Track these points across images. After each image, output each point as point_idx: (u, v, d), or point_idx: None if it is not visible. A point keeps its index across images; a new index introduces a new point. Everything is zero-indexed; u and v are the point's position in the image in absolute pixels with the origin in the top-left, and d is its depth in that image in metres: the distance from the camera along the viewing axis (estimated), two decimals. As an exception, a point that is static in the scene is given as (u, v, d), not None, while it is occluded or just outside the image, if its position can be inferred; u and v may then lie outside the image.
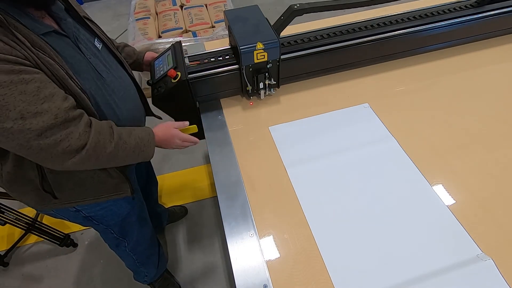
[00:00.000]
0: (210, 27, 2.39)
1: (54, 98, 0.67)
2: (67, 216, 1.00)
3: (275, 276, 0.77)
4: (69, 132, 0.69)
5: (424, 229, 0.83)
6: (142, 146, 0.84)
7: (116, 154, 0.79)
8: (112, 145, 0.77)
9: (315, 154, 1.01)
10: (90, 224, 1.05)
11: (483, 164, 0.96)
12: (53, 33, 0.73)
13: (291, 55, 1.12)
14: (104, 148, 0.76)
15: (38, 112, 0.65)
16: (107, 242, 1.21)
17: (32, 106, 0.64)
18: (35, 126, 0.65)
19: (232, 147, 1.04)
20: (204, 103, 1.19)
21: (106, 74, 0.84)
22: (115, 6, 3.62)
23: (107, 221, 1.05)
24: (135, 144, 0.82)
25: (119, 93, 0.87)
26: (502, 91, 1.17)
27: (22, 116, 0.63)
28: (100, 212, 1.00)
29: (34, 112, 0.64)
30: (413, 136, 1.04)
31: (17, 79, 0.62)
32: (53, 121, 0.66)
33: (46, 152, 0.68)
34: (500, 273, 0.74)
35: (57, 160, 0.71)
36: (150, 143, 0.86)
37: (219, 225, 1.78)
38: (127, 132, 0.82)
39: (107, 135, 0.76)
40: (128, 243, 1.20)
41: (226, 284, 1.58)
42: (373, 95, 1.19)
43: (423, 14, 1.25)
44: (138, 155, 0.84)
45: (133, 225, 1.16)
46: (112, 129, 0.78)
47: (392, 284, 0.74)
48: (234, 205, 0.89)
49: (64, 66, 0.71)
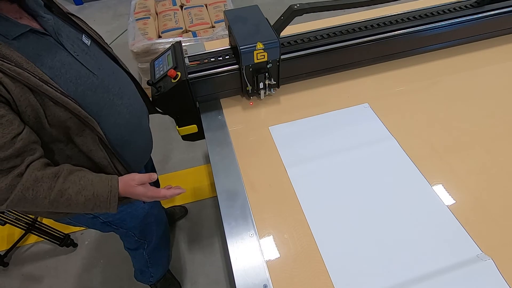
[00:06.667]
0: (210, 27, 2.39)
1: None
2: (85, 223, 0.96)
3: (275, 276, 0.77)
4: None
5: (424, 229, 0.83)
6: (97, 202, 0.76)
7: (56, 207, 0.73)
8: (46, 201, 0.71)
9: (315, 154, 1.01)
10: (110, 229, 1.02)
11: (483, 164, 0.96)
12: (29, 34, 0.68)
13: (291, 55, 1.12)
14: (34, 204, 0.70)
15: None
16: (128, 245, 1.18)
17: None
18: None
19: (232, 147, 1.04)
20: (204, 103, 1.19)
21: (97, 71, 0.80)
22: (115, 6, 3.62)
23: (127, 224, 1.03)
24: (85, 201, 0.74)
25: (114, 89, 0.84)
26: (502, 91, 1.17)
27: None
28: (118, 215, 0.97)
29: None
30: (413, 136, 1.04)
31: None
32: None
33: None
34: (500, 273, 0.74)
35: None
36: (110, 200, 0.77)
37: (219, 225, 1.78)
38: (78, 188, 0.74)
39: (44, 190, 0.70)
40: (148, 245, 1.18)
41: (226, 284, 1.58)
42: (373, 95, 1.18)
43: (423, 14, 1.25)
44: (92, 209, 0.77)
45: (152, 226, 1.14)
46: (55, 183, 0.71)
47: (392, 284, 0.74)
48: (234, 205, 0.89)
49: (37, 71, 0.66)
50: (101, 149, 0.81)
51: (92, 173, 0.78)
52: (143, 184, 0.82)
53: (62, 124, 0.72)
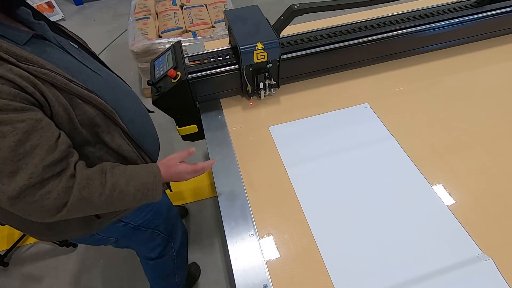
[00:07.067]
0: (210, 27, 2.39)
1: (36, 151, 0.59)
2: (116, 234, 0.94)
3: (275, 276, 0.77)
4: (45, 192, 0.61)
5: (424, 229, 0.83)
6: (144, 190, 0.75)
7: (110, 204, 0.71)
8: (102, 198, 0.68)
9: (315, 154, 1.01)
10: (139, 234, 0.98)
11: (483, 164, 0.96)
12: (33, 39, 0.67)
13: (291, 55, 1.12)
14: (91, 204, 0.68)
15: (12, 171, 0.57)
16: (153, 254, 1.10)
17: (7, 165, 0.57)
18: (6, 188, 0.58)
19: (232, 147, 1.04)
20: (204, 103, 1.19)
21: (99, 71, 0.80)
22: (115, 6, 3.62)
23: (154, 223, 1.00)
24: (134, 192, 0.73)
25: (118, 89, 0.84)
26: (502, 91, 1.17)
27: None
28: (147, 216, 0.96)
29: (7, 171, 0.57)
30: (413, 136, 1.04)
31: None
32: (25, 182, 0.59)
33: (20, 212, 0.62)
34: (500, 273, 0.74)
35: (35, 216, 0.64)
36: (155, 187, 0.76)
37: (219, 225, 1.78)
38: (125, 179, 0.72)
39: (97, 187, 0.68)
40: (175, 243, 1.13)
41: (226, 284, 1.58)
42: (373, 95, 1.18)
43: (423, 14, 1.25)
44: (140, 200, 0.75)
45: (176, 220, 1.10)
46: (105, 178, 0.70)
47: (392, 284, 0.74)
48: (234, 205, 0.89)
49: (59, 71, 0.65)
50: (128, 143, 0.80)
51: (131, 165, 0.78)
52: (182, 161, 0.82)
53: (91, 122, 0.71)
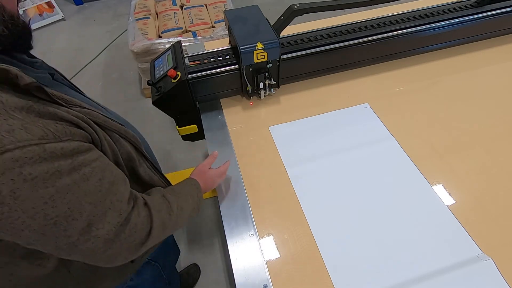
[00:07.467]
0: (210, 27, 2.39)
1: (115, 187, 0.54)
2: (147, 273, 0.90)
3: (275, 276, 0.77)
4: (132, 226, 0.57)
5: (424, 229, 0.83)
6: (194, 204, 0.75)
7: (176, 224, 0.69)
8: (172, 219, 0.67)
9: (315, 154, 1.01)
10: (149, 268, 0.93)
11: (483, 164, 0.96)
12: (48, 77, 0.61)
13: (291, 55, 1.12)
14: (165, 226, 0.65)
15: (103, 213, 0.52)
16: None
17: (98, 207, 0.51)
18: (101, 232, 0.52)
19: (232, 147, 1.04)
20: (204, 103, 1.19)
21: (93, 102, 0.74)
22: (115, 6, 3.62)
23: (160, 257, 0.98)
24: (191, 208, 0.74)
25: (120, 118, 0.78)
26: (502, 91, 1.17)
27: (89, 223, 0.50)
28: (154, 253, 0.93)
29: (100, 214, 0.51)
30: (413, 136, 1.04)
31: (79, 178, 0.48)
32: (118, 219, 0.54)
33: (110, 257, 0.56)
34: (500, 273, 0.74)
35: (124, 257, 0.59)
36: (200, 199, 0.78)
37: (219, 225, 1.78)
38: (182, 198, 0.72)
39: (166, 209, 0.67)
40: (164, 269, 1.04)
41: (226, 284, 1.58)
42: (373, 95, 1.18)
43: (423, 14, 1.25)
44: (191, 214, 0.75)
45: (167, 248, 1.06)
46: (167, 200, 0.68)
47: (392, 284, 0.74)
48: (234, 205, 0.89)
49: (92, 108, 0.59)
50: (155, 173, 0.78)
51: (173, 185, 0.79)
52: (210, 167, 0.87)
53: (128, 156, 0.67)
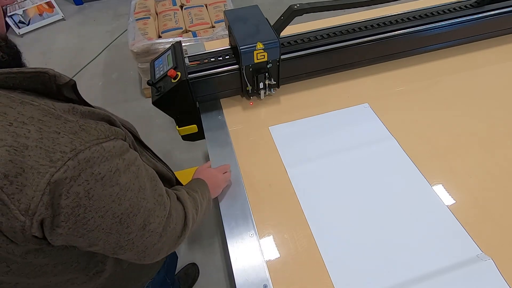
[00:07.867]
0: (210, 27, 2.39)
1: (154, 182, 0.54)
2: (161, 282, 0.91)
3: (275, 276, 0.77)
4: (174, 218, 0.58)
5: (424, 229, 0.83)
6: (208, 201, 0.76)
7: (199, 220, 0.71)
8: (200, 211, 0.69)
9: (315, 154, 1.01)
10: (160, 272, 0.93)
11: (483, 164, 0.96)
12: None
13: (291, 55, 1.12)
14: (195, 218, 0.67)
15: (153, 208, 0.52)
16: None
17: (150, 202, 0.51)
18: (153, 226, 0.52)
19: (232, 147, 1.04)
20: (204, 103, 1.19)
21: None
22: (115, 6, 3.62)
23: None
24: (207, 203, 0.75)
25: None
26: (502, 91, 1.17)
27: (145, 218, 0.50)
28: None
29: (151, 209, 0.51)
30: (413, 136, 1.04)
31: (132, 175, 0.48)
32: (164, 212, 0.54)
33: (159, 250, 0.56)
34: (500, 273, 0.74)
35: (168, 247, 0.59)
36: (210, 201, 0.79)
37: (219, 225, 1.78)
38: (200, 195, 0.73)
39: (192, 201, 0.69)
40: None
41: (226, 284, 1.58)
42: (373, 95, 1.18)
43: (423, 14, 1.25)
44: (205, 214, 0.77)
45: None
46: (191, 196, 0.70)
47: (392, 284, 0.74)
48: (234, 205, 0.89)
49: None
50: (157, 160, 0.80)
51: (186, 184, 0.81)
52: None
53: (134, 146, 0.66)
